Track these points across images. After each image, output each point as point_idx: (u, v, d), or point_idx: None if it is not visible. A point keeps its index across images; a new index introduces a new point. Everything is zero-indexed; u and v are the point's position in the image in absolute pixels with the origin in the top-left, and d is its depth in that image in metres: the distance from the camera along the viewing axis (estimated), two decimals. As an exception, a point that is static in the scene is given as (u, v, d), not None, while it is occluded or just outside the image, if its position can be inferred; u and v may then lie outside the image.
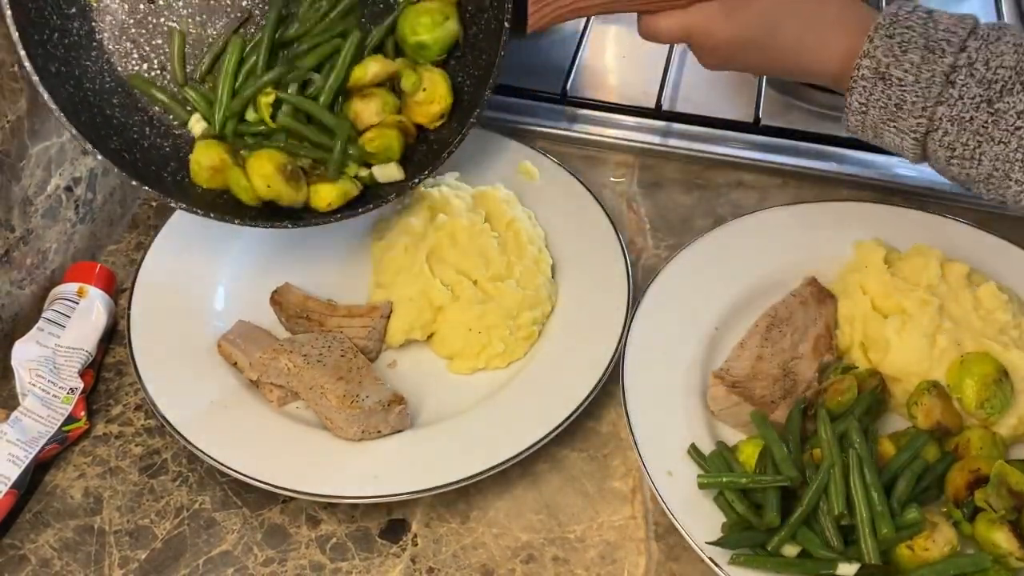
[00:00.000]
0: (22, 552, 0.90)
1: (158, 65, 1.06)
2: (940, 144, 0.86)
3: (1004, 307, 0.97)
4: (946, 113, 0.84)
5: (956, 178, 0.89)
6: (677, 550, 0.90)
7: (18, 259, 1.03)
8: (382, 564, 0.89)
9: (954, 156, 0.85)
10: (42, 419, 0.95)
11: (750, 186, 1.21)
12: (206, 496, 0.94)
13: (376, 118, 1.05)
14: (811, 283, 1.03)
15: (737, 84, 1.31)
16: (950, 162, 0.86)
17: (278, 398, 0.98)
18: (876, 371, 0.96)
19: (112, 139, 1.02)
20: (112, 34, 1.03)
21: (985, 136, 0.82)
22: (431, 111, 1.07)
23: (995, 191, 0.85)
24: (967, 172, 0.86)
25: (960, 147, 0.84)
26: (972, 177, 0.86)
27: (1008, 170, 0.82)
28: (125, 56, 1.05)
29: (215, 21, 1.06)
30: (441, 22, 1.06)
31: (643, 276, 1.10)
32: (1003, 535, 0.82)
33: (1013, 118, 0.81)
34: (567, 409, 0.94)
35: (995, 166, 0.83)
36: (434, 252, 1.05)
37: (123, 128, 1.04)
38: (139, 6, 1.04)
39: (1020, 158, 0.81)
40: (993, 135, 0.82)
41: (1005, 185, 0.83)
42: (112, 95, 1.04)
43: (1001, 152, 0.82)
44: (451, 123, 1.09)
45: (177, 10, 1.05)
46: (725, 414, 0.95)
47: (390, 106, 1.06)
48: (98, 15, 1.02)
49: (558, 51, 1.36)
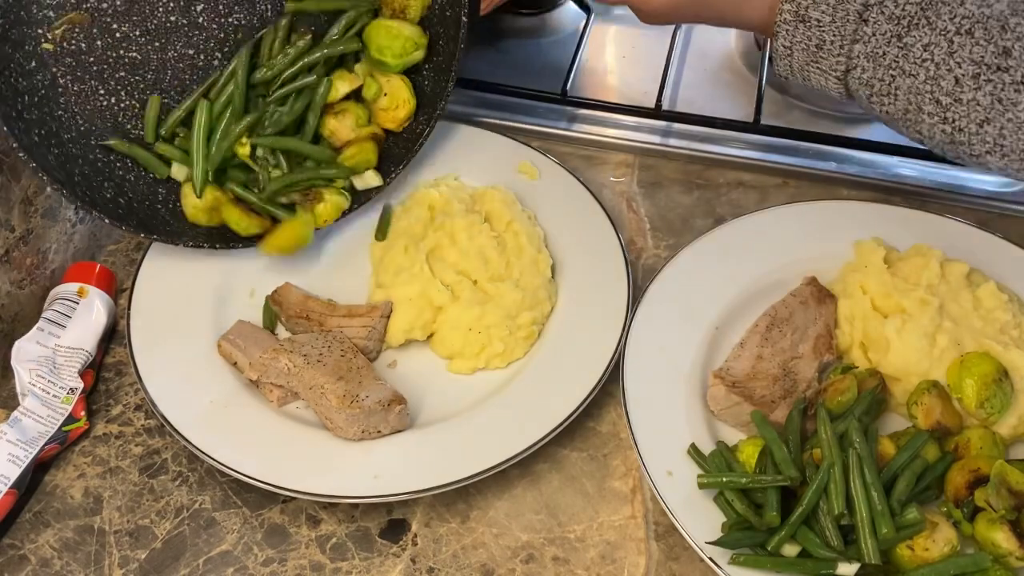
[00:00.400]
0: (22, 552, 0.90)
1: (126, 97, 1.05)
2: (860, 82, 0.89)
3: (1004, 307, 0.97)
4: (862, 51, 0.87)
5: (880, 117, 0.92)
6: (677, 550, 0.90)
7: (18, 259, 1.03)
8: (382, 564, 0.89)
9: (873, 93, 0.89)
10: (42, 419, 0.95)
11: (750, 186, 1.21)
12: (206, 496, 0.94)
13: (352, 134, 1.09)
14: (811, 283, 1.03)
15: (737, 84, 1.31)
16: (871, 100, 0.90)
17: (278, 398, 0.98)
18: (876, 371, 0.96)
19: (105, 186, 1.04)
20: (75, 75, 1.03)
21: (897, 70, 0.85)
22: (397, 116, 1.11)
23: (912, 127, 0.88)
24: (886, 109, 0.89)
25: (877, 83, 0.88)
26: (892, 115, 0.89)
27: (920, 103, 0.85)
28: (92, 94, 1.04)
29: (175, 43, 1.05)
30: (411, 51, 1.10)
31: (643, 276, 1.10)
32: (1003, 535, 0.82)
33: (920, 51, 0.84)
34: (567, 409, 0.94)
35: (909, 100, 0.86)
36: (434, 252, 1.05)
37: (110, 169, 1.05)
38: (96, 42, 1.03)
39: (929, 90, 0.84)
40: (904, 68, 0.85)
41: (919, 119, 0.86)
42: (89, 137, 1.04)
43: (912, 85, 0.85)
44: (418, 118, 1.13)
45: (135, 39, 1.04)
46: (725, 414, 0.95)
47: (363, 119, 1.09)
48: (57, 61, 1.01)
49: (558, 51, 1.36)
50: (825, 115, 1.27)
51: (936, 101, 0.84)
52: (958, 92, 0.82)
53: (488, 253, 1.05)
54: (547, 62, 1.35)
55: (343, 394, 0.93)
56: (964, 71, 0.82)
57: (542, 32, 1.40)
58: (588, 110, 1.28)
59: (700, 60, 1.35)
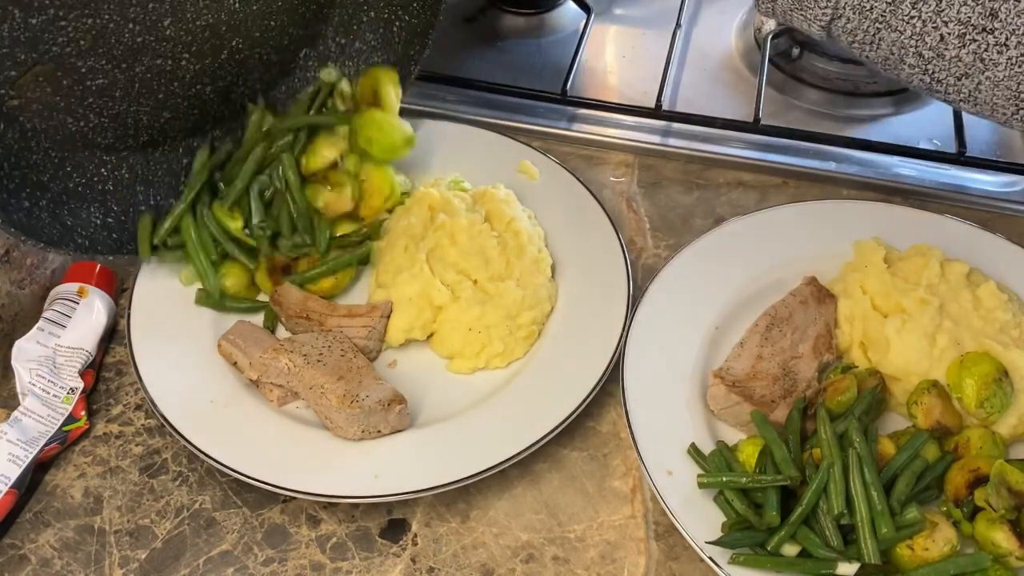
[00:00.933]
0: (22, 552, 0.90)
1: (95, 117, 1.02)
2: (843, 30, 0.92)
3: (1004, 306, 0.97)
4: (849, 3, 0.90)
5: (854, 55, 0.95)
6: (677, 550, 0.90)
7: (18, 259, 1.03)
8: (382, 564, 0.89)
9: (856, 41, 0.92)
10: (42, 419, 0.95)
11: (750, 186, 1.21)
12: (206, 496, 0.94)
13: (351, 204, 1.08)
14: (811, 282, 1.03)
15: (737, 84, 1.31)
16: (851, 45, 0.93)
17: (278, 398, 0.98)
18: (876, 370, 0.96)
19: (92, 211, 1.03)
20: (43, 116, 0.99)
21: (883, 24, 0.88)
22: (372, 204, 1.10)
23: (891, 71, 0.91)
24: (866, 54, 0.92)
25: (861, 33, 0.91)
26: (871, 59, 0.93)
27: (903, 55, 0.88)
28: (61, 126, 1.01)
29: (142, 59, 1.01)
30: (398, 149, 1.10)
31: (643, 276, 1.10)
32: (1003, 534, 0.82)
33: (908, 8, 0.86)
34: (567, 409, 0.94)
35: (891, 51, 0.89)
36: (434, 252, 1.05)
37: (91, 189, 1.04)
38: (63, 82, 0.98)
39: (914, 44, 0.87)
40: (891, 23, 0.87)
41: (899, 67, 0.90)
42: (64, 165, 1.02)
43: (897, 39, 0.88)
44: None
45: (102, 67, 0.99)
46: (725, 413, 0.95)
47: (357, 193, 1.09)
48: (24, 110, 0.97)
49: (558, 51, 1.36)
50: (825, 115, 1.27)
51: (919, 55, 0.87)
52: (941, 48, 0.85)
53: (488, 253, 1.05)
54: (547, 62, 1.35)
55: (343, 394, 0.93)
56: (950, 30, 0.84)
57: (542, 32, 1.40)
58: (588, 110, 1.28)
59: (700, 60, 1.35)
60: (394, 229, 1.09)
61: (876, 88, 1.30)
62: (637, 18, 1.43)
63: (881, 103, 1.29)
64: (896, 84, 1.30)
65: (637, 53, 1.37)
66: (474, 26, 1.10)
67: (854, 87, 1.30)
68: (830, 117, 1.27)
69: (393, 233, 1.09)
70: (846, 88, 1.30)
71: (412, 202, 1.11)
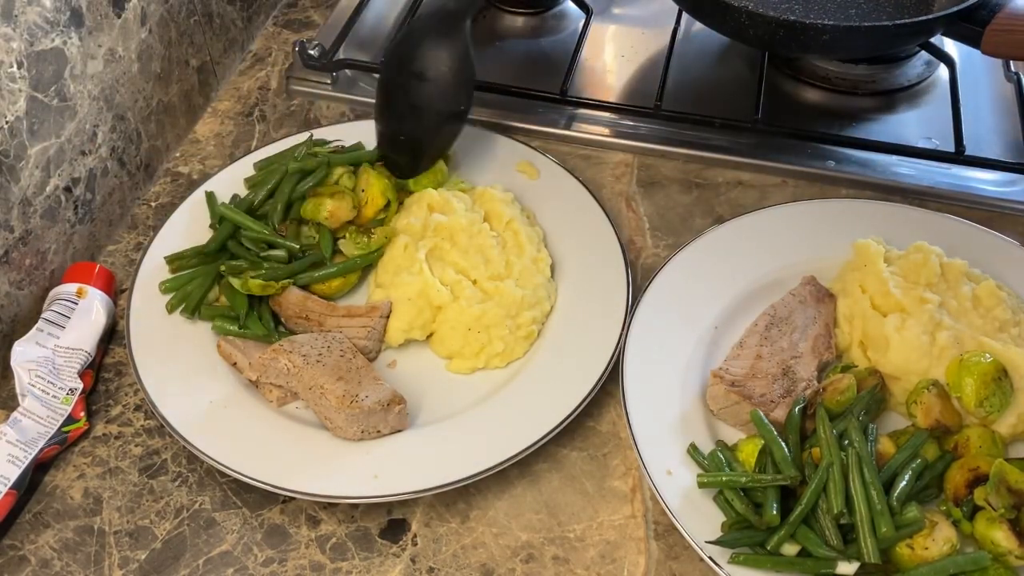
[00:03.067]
0: (22, 552, 0.90)
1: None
2: None
3: (1003, 305, 0.97)
4: None
5: None
6: (677, 549, 0.90)
7: (17, 260, 1.03)
8: (382, 564, 0.89)
9: None
10: (42, 420, 0.95)
11: (749, 185, 1.21)
12: (206, 496, 0.94)
13: (352, 213, 1.08)
14: (810, 282, 1.03)
15: (737, 84, 1.31)
16: None
17: (278, 398, 0.98)
18: (875, 370, 0.96)
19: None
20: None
21: None
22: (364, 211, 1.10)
23: None
24: None
25: None
26: None
27: None
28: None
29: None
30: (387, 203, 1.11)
31: (642, 275, 1.10)
32: (1002, 533, 0.82)
33: None
34: (567, 409, 0.94)
35: None
36: (433, 252, 1.05)
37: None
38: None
39: None
40: None
41: None
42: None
43: None
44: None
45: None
46: (725, 413, 0.95)
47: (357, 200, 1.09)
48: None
49: (558, 51, 1.36)
50: (825, 115, 1.27)
51: None
52: None
53: (488, 253, 1.05)
54: (547, 62, 1.35)
55: (343, 394, 0.93)
56: None
57: (541, 32, 1.40)
58: (587, 110, 1.28)
59: (700, 60, 1.35)
60: (394, 229, 1.09)
61: (875, 88, 1.30)
62: (636, 18, 1.43)
63: (880, 102, 1.29)
64: (895, 84, 1.30)
65: (636, 53, 1.37)
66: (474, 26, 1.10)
67: (853, 87, 1.30)
68: (829, 116, 1.27)
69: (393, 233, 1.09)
70: (845, 88, 1.30)
71: (412, 202, 1.11)
